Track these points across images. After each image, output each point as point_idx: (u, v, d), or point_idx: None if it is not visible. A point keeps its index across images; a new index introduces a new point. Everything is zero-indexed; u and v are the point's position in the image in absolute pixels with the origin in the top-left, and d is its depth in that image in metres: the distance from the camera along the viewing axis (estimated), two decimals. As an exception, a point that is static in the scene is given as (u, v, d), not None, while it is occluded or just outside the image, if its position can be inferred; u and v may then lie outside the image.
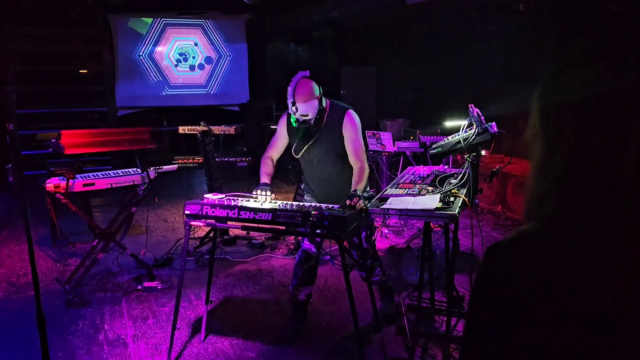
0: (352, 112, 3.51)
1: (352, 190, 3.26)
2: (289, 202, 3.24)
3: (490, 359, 0.85)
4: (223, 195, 3.35)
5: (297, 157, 3.60)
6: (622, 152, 0.70)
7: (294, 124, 3.43)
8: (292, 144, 3.62)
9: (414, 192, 3.10)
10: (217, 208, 3.03)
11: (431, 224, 3.67)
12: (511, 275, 0.81)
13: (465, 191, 3.04)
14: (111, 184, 4.68)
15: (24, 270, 4.95)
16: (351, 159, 3.47)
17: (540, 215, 0.80)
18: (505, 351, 0.83)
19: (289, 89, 3.33)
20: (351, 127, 3.47)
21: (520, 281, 0.79)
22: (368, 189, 3.68)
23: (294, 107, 3.31)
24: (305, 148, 3.53)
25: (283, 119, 3.65)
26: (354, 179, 3.38)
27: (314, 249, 3.60)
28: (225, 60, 11.12)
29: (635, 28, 0.75)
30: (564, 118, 0.77)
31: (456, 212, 2.74)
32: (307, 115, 3.34)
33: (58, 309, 4.10)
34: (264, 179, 3.52)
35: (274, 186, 8.32)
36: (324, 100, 3.45)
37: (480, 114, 3.01)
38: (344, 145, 3.49)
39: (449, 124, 6.19)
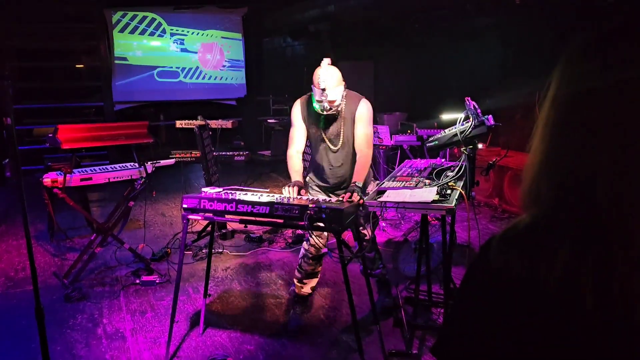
0: (366, 100, 3.55)
1: (353, 180, 3.28)
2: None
3: (465, 352, 0.86)
4: (221, 189, 3.36)
5: (319, 146, 3.57)
6: (627, 146, 0.70)
7: (322, 111, 3.41)
8: (311, 133, 3.59)
9: (411, 185, 3.11)
10: (215, 202, 3.03)
11: (428, 217, 3.68)
12: (497, 269, 0.80)
13: (462, 184, 3.05)
14: (109, 179, 4.68)
15: (22, 264, 4.95)
16: (360, 145, 3.49)
17: (534, 207, 0.80)
18: (481, 345, 0.83)
19: (320, 74, 3.30)
20: (365, 114, 3.50)
21: (505, 275, 0.78)
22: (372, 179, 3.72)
23: (325, 93, 3.29)
24: (326, 136, 3.53)
25: (297, 108, 3.61)
26: (358, 167, 3.40)
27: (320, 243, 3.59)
28: (222, 54, 11.10)
29: (627, 22, 0.75)
30: (569, 111, 0.77)
31: (453, 204, 2.75)
32: (334, 102, 3.35)
33: (57, 304, 4.11)
34: (296, 176, 3.44)
35: (272, 180, 8.25)
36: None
37: (476, 107, 3.02)
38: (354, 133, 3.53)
39: (445, 117, 6.19)
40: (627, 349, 0.70)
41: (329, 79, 3.29)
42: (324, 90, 3.29)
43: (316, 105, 3.40)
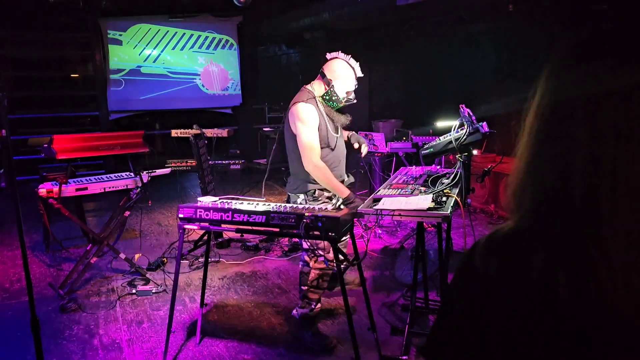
0: None
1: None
2: (282, 204, 3.25)
3: (453, 352, 0.87)
4: (217, 198, 3.36)
5: (337, 141, 3.51)
6: (602, 155, 0.71)
7: (340, 104, 3.47)
8: (327, 134, 3.43)
9: (407, 193, 3.12)
10: (211, 211, 3.03)
11: (424, 224, 3.69)
12: (481, 272, 0.82)
13: (457, 191, 3.06)
14: (104, 188, 4.67)
15: (18, 276, 4.93)
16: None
17: (518, 212, 0.82)
18: (468, 346, 0.84)
19: (353, 64, 3.45)
20: None
21: (488, 278, 0.80)
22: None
23: (356, 83, 3.43)
24: (338, 130, 3.57)
25: (315, 111, 3.37)
26: None
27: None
28: (217, 63, 11.11)
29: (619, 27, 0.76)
30: (551, 121, 0.78)
31: (448, 211, 2.76)
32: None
33: (52, 314, 4.08)
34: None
35: (268, 188, 8.22)
36: None
37: (471, 114, 3.04)
38: None
39: (440, 124, 6.21)
40: (603, 345, 0.71)
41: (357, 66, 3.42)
42: (357, 79, 3.41)
43: (341, 96, 3.44)
